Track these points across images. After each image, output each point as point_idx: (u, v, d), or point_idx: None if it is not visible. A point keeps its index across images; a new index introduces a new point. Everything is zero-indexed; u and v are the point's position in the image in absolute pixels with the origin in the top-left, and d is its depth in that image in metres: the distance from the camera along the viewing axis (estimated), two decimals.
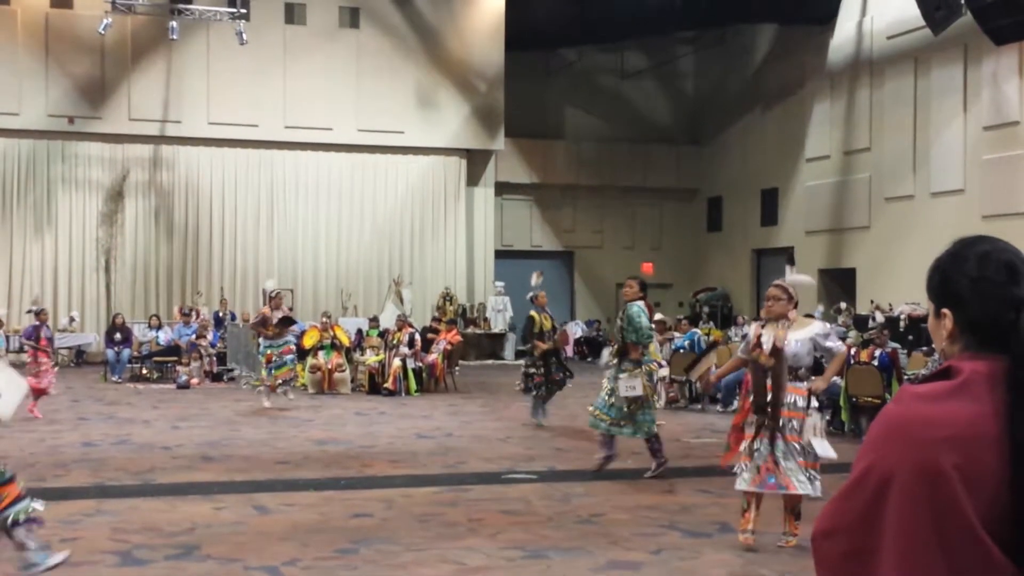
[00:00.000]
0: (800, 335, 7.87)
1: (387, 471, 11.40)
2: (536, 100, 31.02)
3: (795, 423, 7.75)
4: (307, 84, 27.06)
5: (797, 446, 7.73)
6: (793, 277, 8.57)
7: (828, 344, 7.93)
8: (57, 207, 26.17)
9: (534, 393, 15.29)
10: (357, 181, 28.22)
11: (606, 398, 10.85)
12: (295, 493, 9.99)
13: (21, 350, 22.57)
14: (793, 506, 7.86)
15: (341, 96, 27.43)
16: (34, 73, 25.51)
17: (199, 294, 26.00)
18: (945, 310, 2.00)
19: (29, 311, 20.66)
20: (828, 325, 8.31)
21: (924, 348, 17.07)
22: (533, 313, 15.40)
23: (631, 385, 10.51)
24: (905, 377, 14.22)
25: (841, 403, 14.32)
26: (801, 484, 7.71)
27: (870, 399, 13.78)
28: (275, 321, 17.07)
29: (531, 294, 15.53)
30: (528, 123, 30.41)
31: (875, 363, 14.05)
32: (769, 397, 7.78)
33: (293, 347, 17.66)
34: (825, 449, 7.71)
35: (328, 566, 7.35)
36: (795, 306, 7.99)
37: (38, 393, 15.18)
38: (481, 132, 28.73)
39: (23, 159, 26.02)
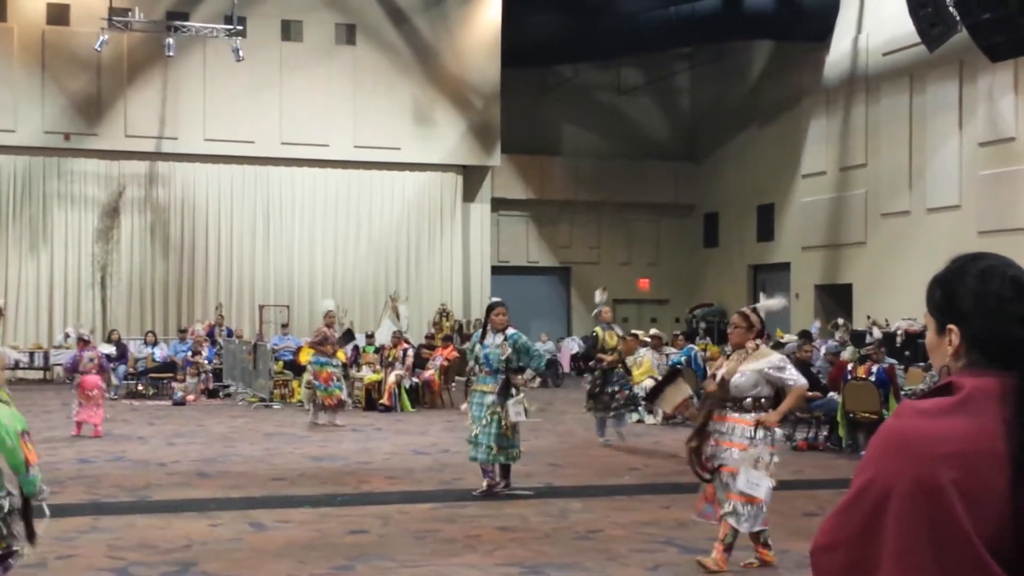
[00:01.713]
0: (749, 366, 7.79)
1: (384, 487, 11.36)
2: (532, 116, 31.06)
3: (734, 453, 7.66)
4: (303, 101, 27.09)
5: (732, 477, 7.64)
6: (764, 303, 8.43)
7: (782, 376, 7.75)
8: (53, 223, 26.15)
9: (612, 411, 14.93)
10: (353, 197, 28.22)
11: (493, 430, 10.54)
12: (291, 510, 9.96)
13: (16, 367, 22.53)
14: (724, 536, 7.67)
15: (337, 112, 27.45)
16: (30, 89, 25.52)
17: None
18: (951, 326, 1.99)
19: (68, 336, 20.26)
20: (785, 358, 8.06)
21: (921, 364, 17.06)
22: (598, 329, 15.34)
23: (518, 411, 10.53)
24: (903, 393, 14.21)
25: (838, 419, 14.30)
26: (733, 517, 7.59)
27: (867, 415, 13.76)
28: (337, 337, 17.22)
29: (595, 311, 15.46)
30: (524, 139, 30.44)
31: (872, 379, 14.03)
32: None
33: (335, 373, 17.37)
34: (750, 485, 7.50)
35: None
36: (758, 334, 7.89)
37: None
38: (477, 148, 28.75)
39: (19, 175, 26.00)
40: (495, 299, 11.36)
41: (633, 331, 19.43)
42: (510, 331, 10.78)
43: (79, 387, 15.47)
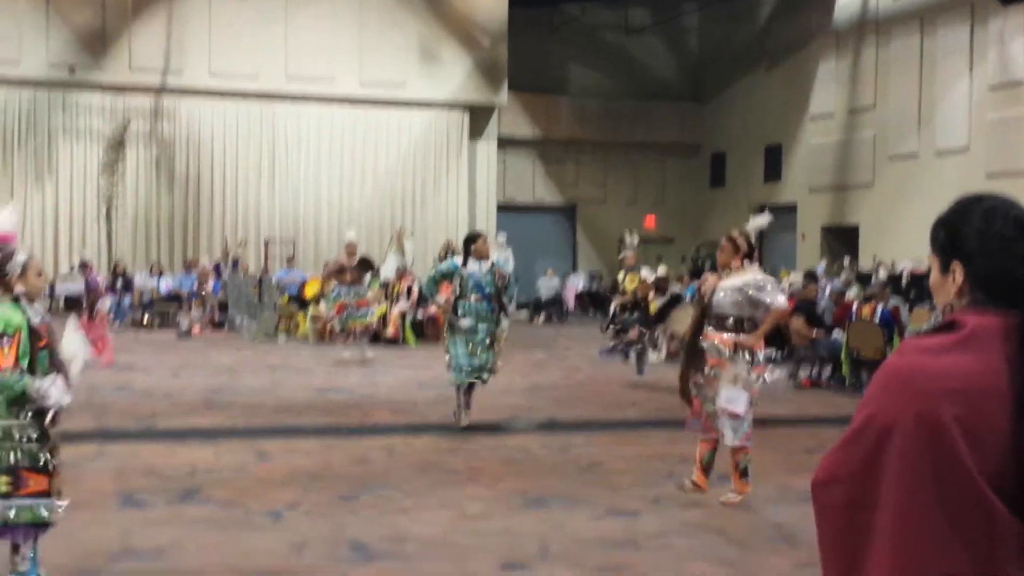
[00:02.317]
0: (729, 283, 7.77)
1: (388, 419, 11.44)
2: (539, 55, 30.82)
3: (716, 371, 7.71)
4: (309, 36, 26.87)
5: (713, 394, 7.71)
6: (751, 222, 8.37)
7: (761, 296, 7.69)
8: (58, 156, 26.07)
9: (637, 350, 14.81)
10: (359, 134, 28.09)
11: (490, 353, 10.74)
12: (296, 440, 10.03)
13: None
14: (702, 457, 7.84)
15: (343, 48, 27.25)
16: (35, 22, 25.32)
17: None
18: (955, 264, 1.99)
19: (74, 266, 20.26)
20: (769, 279, 7.97)
21: (926, 304, 17.07)
22: (620, 274, 15.24)
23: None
24: (907, 333, 14.22)
25: (842, 358, 14.35)
26: (725, 434, 7.70)
27: (871, 354, 13.79)
28: (354, 265, 16.86)
29: (621, 255, 15.30)
30: (531, 78, 30.22)
31: (877, 319, 14.04)
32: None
33: (367, 298, 17.10)
34: (729, 400, 7.58)
35: (329, 511, 7.38)
36: (745, 256, 7.83)
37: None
38: (484, 86, 28.58)
39: (24, 108, 25.88)
40: (475, 230, 11.48)
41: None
42: (493, 257, 10.98)
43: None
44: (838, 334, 14.84)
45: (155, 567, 6.05)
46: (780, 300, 7.81)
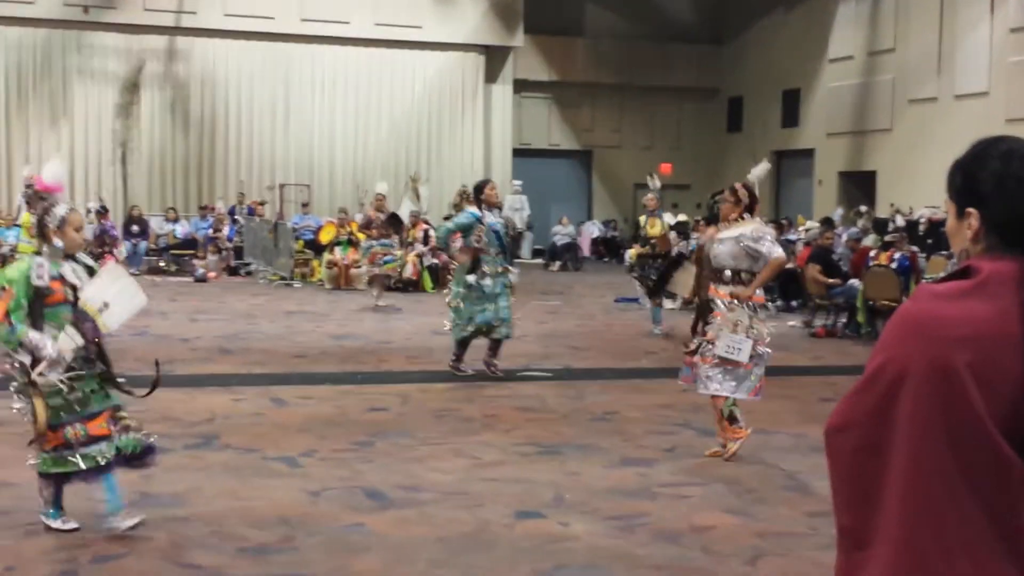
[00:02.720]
0: (727, 234, 7.71)
1: (403, 366, 11.49)
2: None
3: (717, 323, 7.64)
4: None
5: (711, 345, 7.62)
6: (753, 172, 8.27)
7: (758, 247, 7.60)
8: (73, 98, 26.02)
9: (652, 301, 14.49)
10: (374, 77, 27.94)
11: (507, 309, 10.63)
12: (312, 387, 10.09)
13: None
14: (719, 409, 7.70)
15: None
16: None
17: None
18: (970, 209, 1.97)
19: (90, 210, 20.31)
20: (766, 229, 7.86)
21: (944, 252, 17.00)
22: (641, 218, 15.06)
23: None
24: (923, 280, 14.17)
25: (858, 305, 14.31)
26: (715, 385, 7.60)
27: (887, 302, 13.75)
28: (382, 220, 16.93)
29: (644, 198, 15.07)
30: (547, 19, 29.94)
31: (894, 266, 13.99)
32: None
33: (395, 249, 17.25)
34: (730, 350, 7.47)
35: (345, 458, 7.43)
36: (746, 208, 7.74)
37: None
38: (500, 28, 28.35)
39: (39, 48, 25.80)
40: (483, 178, 11.21)
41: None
42: (508, 203, 10.86)
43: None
44: (854, 282, 14.78)
45: (173, 513, 6.12)
46: (777, 251, 7.68)
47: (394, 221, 17.06)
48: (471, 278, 10.44)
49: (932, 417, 1.82)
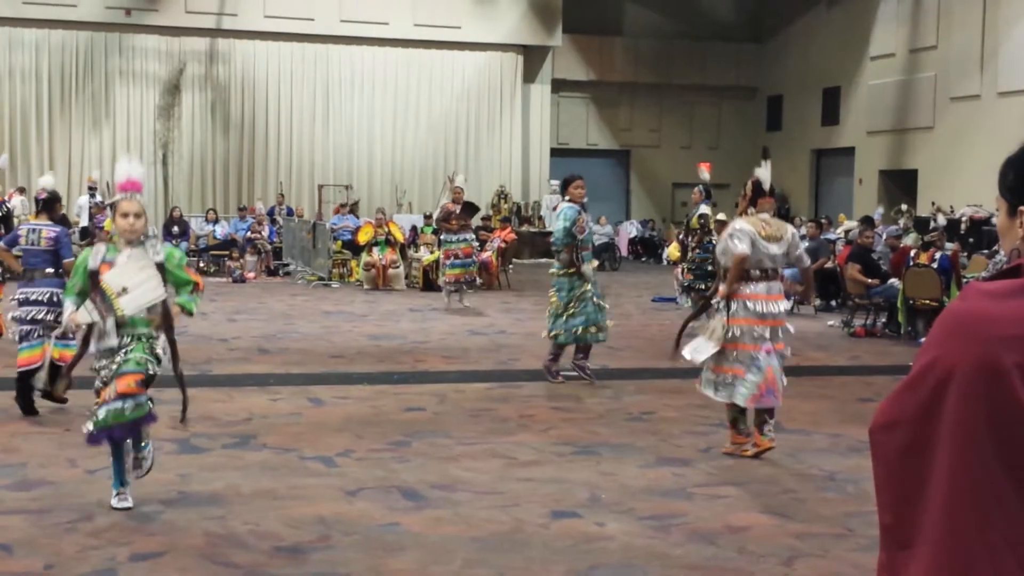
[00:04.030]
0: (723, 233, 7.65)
1: (440, 367, 11.50)
2: None
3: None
4: None
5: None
6: (758, 170, 8.01)
7: (731, 245, 7.44)
8: (115, 100, 26.30)
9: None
10: (413, 77, 28.04)
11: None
12: (349, 386, 10.12)
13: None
14: (729, 417, 7.64)
15: None
16: None
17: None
18: (1023, 207, 1.95)
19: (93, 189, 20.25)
20: (740, 224, 7.53)
21: (985, 251, 16.81)
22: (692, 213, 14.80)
23: None
24: (964, 280, 14.01)
25: (898, 305, 14.17)
26: (708, 391, 7.59)
27: (927, 301, 13.61)
28: (458, 210, 16.47)
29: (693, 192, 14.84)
30: (586, 19, 29.93)
31: (935, 265, 13.83)
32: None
33: (475, 247, 16.77)
34: (693, 351, 7.44)
35: (381, 458, 7.45)
36: (750, 202, 7.60)
37: None
38: (538, 28, 28.35)
39: (81, 51, 26.10)
40: (572, 173, 10.85)
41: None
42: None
43: None
44: (894, 282, 14.63)
45: (211, 512, 6.15)
46: (735, 247, 7.43)
47: (471, 209, 16.83)
48: (588, 269, 10.14)
49: (979, 417, 1.80)
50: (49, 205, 8.90)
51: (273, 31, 26.75)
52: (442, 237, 16.84)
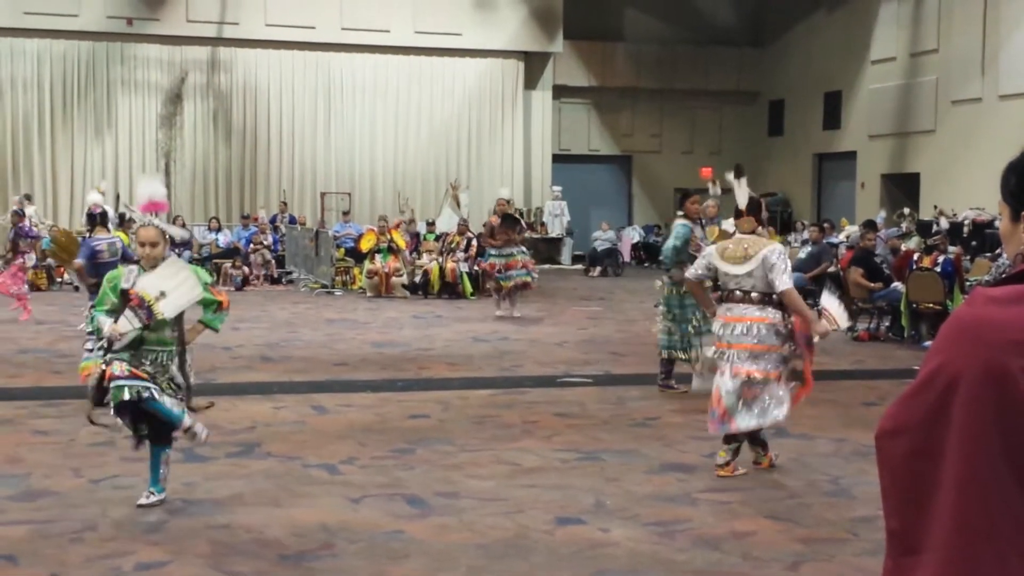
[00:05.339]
0: None
1: (443, 373, 11.50)
2: (595, 1, 30.50)
3: None
4: None
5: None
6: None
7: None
8: (117, 109, 26.33)
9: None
10: (414, 84, 28.06)
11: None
12: (353, 394, 10.12)
13: None
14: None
15: None
16: None
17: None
18: None
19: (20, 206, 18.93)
20: (710, 246, 7.59)
21: (988, 254, 16.80)
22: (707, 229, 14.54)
23: None
24: (967, 283, 14.00)
25: (902, 309, 14.17)
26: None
27: (931, 305, 13.61)
28: (498, 224, 16.35)
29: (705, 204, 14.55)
30: (587, 25, 29.94)
31: (938, 269, 13.82)
32: None
33: (520, 260, 16.46)
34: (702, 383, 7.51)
35: (385, 465, 7.45)
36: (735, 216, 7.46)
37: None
38: (539, 34, 28.38)
39: (83, 60, 26.13)
40: (686, 191, 10.58)
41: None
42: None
43: None
44: (897, 286, 14.63)
45: (215, 520, 6.15)
46: (687, 272, 7.58)
47: (510, 221, 16.72)
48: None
49: (986, 422, 1.79)
50: (105, 219, 9.21)
51: (274, 39, 26.78)
52: (489, 252, 16.66)
